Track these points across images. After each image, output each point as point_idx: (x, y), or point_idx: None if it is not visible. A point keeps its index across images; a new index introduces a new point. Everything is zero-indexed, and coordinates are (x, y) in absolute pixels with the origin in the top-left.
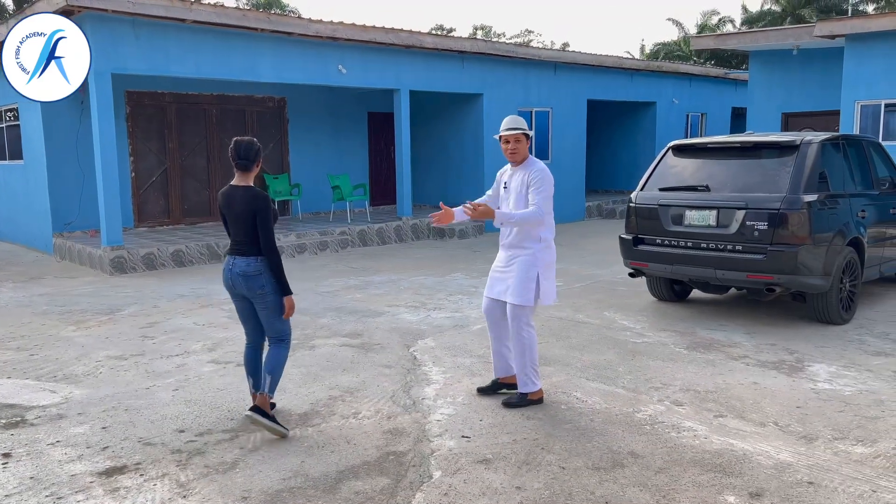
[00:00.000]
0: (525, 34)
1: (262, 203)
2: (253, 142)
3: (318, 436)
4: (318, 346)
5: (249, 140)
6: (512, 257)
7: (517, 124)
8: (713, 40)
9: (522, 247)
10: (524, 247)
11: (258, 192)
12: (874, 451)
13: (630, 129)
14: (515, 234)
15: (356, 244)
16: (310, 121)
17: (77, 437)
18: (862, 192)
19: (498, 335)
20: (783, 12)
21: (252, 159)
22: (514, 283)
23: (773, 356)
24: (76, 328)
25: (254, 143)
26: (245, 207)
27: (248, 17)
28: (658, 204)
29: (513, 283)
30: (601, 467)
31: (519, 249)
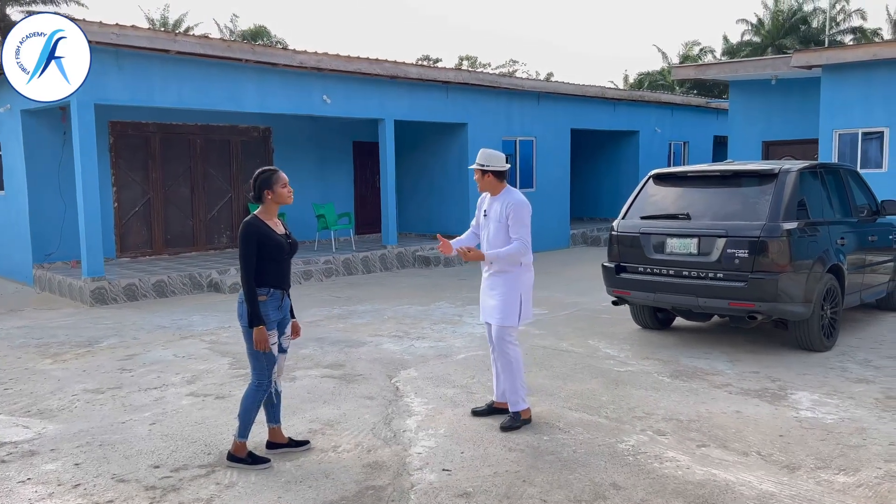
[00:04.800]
0: (510, 64)
1: (240, 231)
2: (258, 172)
3: (297, 470)
4: (299, 378)
5: (258, 171)
6: (496, 281)
7: (481, 159)
8: (694, 70)
9: (505, 270)
10: (506, 270)
11: (245, 221)
12: (856, 480)
13: (613, 158)
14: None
15: (341, 273)
16: (295, 150)
17: (48, 475)
18: (841, 219)
19: (498, 357)
20: (763, 43)
21: (254, 189)
22: (499, 304)
23: (755, 384)
24: (53, 361)
25: (258, 173)
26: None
27: (233, 47)
28: (640, 232)
29: (497, 304)
30: (583, 500)
31: (502, 273)
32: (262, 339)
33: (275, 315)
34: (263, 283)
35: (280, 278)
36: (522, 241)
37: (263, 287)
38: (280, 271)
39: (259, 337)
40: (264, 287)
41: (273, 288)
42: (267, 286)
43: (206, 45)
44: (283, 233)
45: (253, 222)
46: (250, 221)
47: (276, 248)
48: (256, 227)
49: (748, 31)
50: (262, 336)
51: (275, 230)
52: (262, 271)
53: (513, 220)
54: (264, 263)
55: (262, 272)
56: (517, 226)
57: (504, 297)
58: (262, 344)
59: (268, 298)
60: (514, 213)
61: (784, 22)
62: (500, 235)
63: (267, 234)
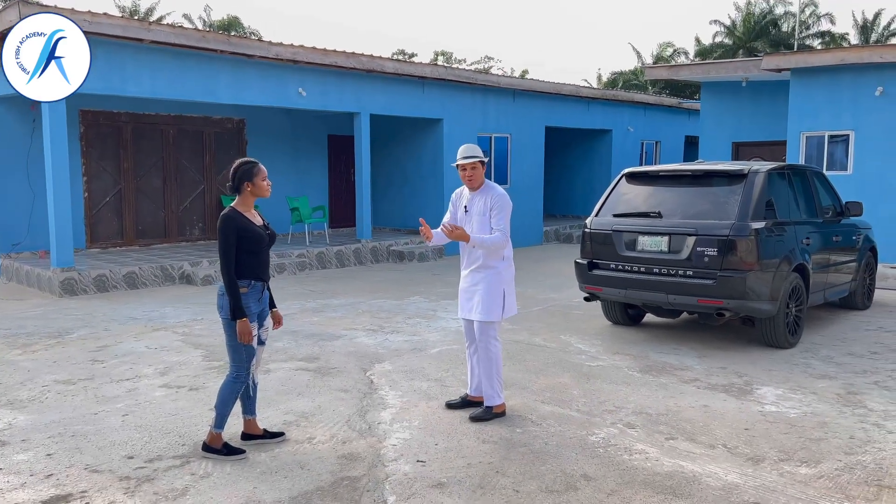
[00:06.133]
0: (485, 60)
1: (219, 223)
2: (239, 163)
3: (272, 461)
4: (273, 370)
5: (238, 162)
6: (478, 276)
7: (473, 153)
8: (666, 70)
9: (488, 266)
10: (490, 265)
11: (223, 214)
12: (818, 471)
13: (587, 156)
14: (482, 254)
15: (315, 267)
16: (269, 142)
17: (20, 465)
18: (807, 220)
19: (475, 352)
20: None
21: (234, 180)
22: (482, 300)
23: (723, 379)
24: (22, 352)
25: (239, 164)
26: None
27: (208, 38)
28: (612, 229)
29: (480, 300)
30: (555, 490)
31: (485, 269)
32: (245, 332)
33: (255, 307)
34: (243, 275)
35: (260, 270)
36: (504, 232)
37: (244, 279)
38: (259, 263)
39: (243, 329)
40: (245, 279)
41: (253, 280)
42: (247, 278)
43: (181, 35)
44: (261, 224)
45: (231, 215)
46: (229, 214)
47: (256, 240)
48: (235, 219)
49: (720, 33)
50: (246, 328)
51: (253, 221)
52: (242, 263)
53: (495, 212)
54: (244, 255)
55: (241, 264)
56: (498, 217)
57: (487, 293)
58: (246, 336)
59: (248, 290)
60: (497, 205)
61: (755, 25)
62: (485, 229)
63: (245, 227)
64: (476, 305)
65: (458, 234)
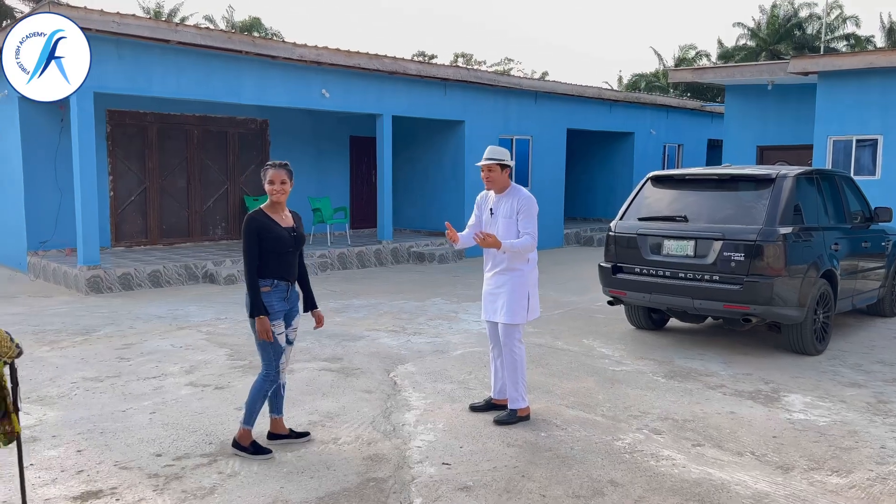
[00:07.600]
0: (505, 62)
1: (243, 224)
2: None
3: (298, 461)
4: (297, 371)
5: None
6: (503, 278)
7: (493, 154)
8: (691, 73)
9: (513, 268)
10: (515, 268)
11: (247, 215)
12: (849, 481)
13: (608, 159)
14: (507, 257)
15: (336, 267)
16: (292, 143)
17: (51, 461)
18: (835, 225)
19: (499, 355)
20: (758, 47)
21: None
22: (507, 302)
23: (749, 386)
24: (50, 348)
25: (265, 166)
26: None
27: (233, 39)
28: (637, 233)
29: (505, 302)
30: (581, 495)
31: (509, 271)
32: (262, 329)
33: (280, 306)
34: (267, 274)
35: (283, 270)
36: (532, 235)
37: (267, 279)
38: (282, 263)
39: (260, 326)
40: (268, 279)
41: (277, 279)
42: (271, 278)
43: (207, 36)
44: (289, 225)
45: (254, 216)
46: (251, 215)
47: (276, 241)
48: (256, 220)
49: (744, 36)
50: (264, 325)
51: (279, 223)
52: (266, 263)
53: (523, 215)
54: (267, 255)
55: (265, 264)
56: (527, 221)
57: (512, 295)
58: (264, 333)
59: (272, 289)
60: (524, 209)
61: (780, 27)
62: (511, 232)
63: (267, 227)
64: (501, 308)
65: (490, 241)
